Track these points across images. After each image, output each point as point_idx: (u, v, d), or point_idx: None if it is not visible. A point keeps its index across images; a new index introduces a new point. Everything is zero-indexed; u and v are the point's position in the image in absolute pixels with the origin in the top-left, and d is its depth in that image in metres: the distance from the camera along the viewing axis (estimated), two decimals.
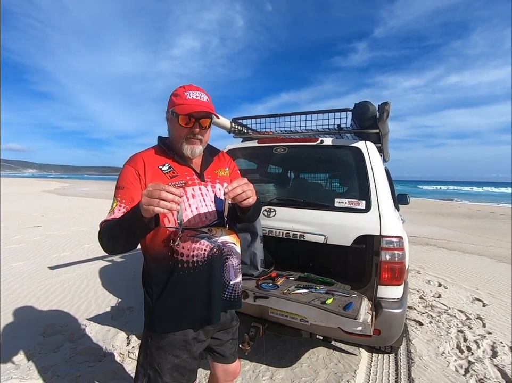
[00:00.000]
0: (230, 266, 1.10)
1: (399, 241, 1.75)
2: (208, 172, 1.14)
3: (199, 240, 1.01)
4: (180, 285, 1.00)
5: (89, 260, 4.52)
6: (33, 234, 6.17)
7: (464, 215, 13.35)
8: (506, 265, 5.10)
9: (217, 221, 1.06)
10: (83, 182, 47.40)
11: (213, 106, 1.06)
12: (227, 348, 1.20)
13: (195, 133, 1.03)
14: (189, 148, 1.04)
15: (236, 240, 1.14)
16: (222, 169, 1.20)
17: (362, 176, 1.97)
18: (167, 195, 0.74)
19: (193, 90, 1.03)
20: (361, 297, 1.76)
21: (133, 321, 2.68)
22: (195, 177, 1.08)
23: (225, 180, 1.17)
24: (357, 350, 2.33)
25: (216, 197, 1.09)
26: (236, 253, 1.13)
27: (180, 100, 1.01)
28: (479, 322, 2.87)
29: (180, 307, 1.01)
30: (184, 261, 0.99)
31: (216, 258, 1.04)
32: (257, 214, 1.18)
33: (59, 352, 2.14)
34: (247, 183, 0.89)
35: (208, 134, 1.10)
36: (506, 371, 2.08)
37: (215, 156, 1.22)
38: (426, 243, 6.77)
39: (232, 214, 1.09)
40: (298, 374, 2.03)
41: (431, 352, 2.33)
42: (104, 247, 0.92)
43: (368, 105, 1.95)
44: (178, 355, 1.02)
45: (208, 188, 1.09)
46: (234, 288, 1.12)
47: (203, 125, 1.04)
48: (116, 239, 0.89)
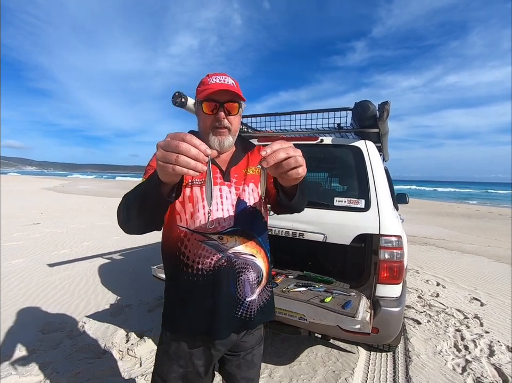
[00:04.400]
0: (245, 281, 0.93)
1: (398, 240, 1.76)
2: (236, 171, 0.98)
3: (206, 247, 0.90)
4: (183, 289, 0.93)
5: (88, 257, 4.52)
6: (32, 231, 6.16)
7: (463, 215, 13.39)
8: (505, 264, 5.13)
9: (232, 228, 0.91)
10: (83, 179, 47.35)
11: (240, 91, 0.91)
12: (240, 370, 1.04)
13: (221, 119, 0.89)
14: (217, 139, 0.91)
15: (256, 250, 0.96)
16: (254, 166, 1.01)
17: (362, 176, 1.98)
18: (188, 148, 0.55)
19: (217, 75, 0.93)
20: (360, 296, 1.77)
21: (132, 318, 2.68)
22: (218, 175, 0.94)
23: (254, 179, 0.99)
24: (356, 348, 2.34)
25: (239, 200, 0.94)
26: (254, 266, 0.95)
27: (203, 87, 0.91)
28: (477, 321, 2.89)
29: (182, 311, 0.94)
30: (189, 266, 0.91)
31: (224, 270, 0.90)
32: (306, 199, 0.95)
33: (59, 349, 2.15)
34: (293, 147, 0.64)
35: (237, 122, 0.95)
36: (503, 370, 2.10)
37: (248, 151, 1.04)
38: (424, 242, 6.79)
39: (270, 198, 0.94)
40: (297, 372, 2.04)
41: (429, 351, 2.34)
42: (119, 219, 0.80)
43: (368, 104, 1.96)
44: (183, 366, 0.95)
45: (231, 190, 0.94)
46: (250, 306, 0.95)
47: (230, 110, 0.90)
48: (130, 207, 0.75)
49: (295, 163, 0.63)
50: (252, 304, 0.96)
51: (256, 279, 0.96)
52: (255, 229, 0.96)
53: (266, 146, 0.61)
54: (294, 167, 0.63)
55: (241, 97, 0.91)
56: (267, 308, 1.02)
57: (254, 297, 0.96)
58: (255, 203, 0.96)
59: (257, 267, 0.97)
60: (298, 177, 0.66)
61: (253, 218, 0.96)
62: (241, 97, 0.90)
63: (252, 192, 0.97)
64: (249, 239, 0.94)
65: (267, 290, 1.01)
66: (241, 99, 0.92)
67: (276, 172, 0.65)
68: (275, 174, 0.66)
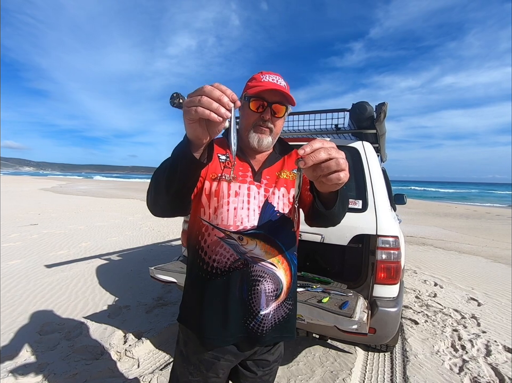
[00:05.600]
0: (262, 291, 0.86)
1: (395, 240, 1.77)
2: (269, 172, 0.94)
3: (225, 245, 0.86)
4: (196, 285, 0.91)
5: (86, 258, 4.51)
6: (29, 232, 6.14)
7: (461, 215, 13.44)
8: (502, 265, 5.15)
9: (255, 231, 0.86)
10: (81, 180, 47.21)
11: (291, 95, 0.88)
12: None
13: (265, 119, 0.87)
14: (257, 137, 0.89)
15: (278, 260, 0.88)
16: (289, 171, 0.96)
17: (359, 176, 1.99)
18: (211, 90, 0.53)
19: (271, 73, 0.90)
20: (357, 296, 1.78)
21: (130, 320, 2.68)
22: (249, 174, 0.91)
23: (286, 184, 0.93)
24: (353, 348, 2.35)
25: (267, 202, 0.89)
26: (273, 277, 0.88)
27: (255, 83, 0.89)
28: (474, 321, 2.90)
29: (192, 308, 0.92)
30: (205, 262, 0.87)
31: (239, 273, 0.85)
32: (345, 209, 0.85)
33: (56, 351, 2.14)
34: (335, 148, 0.56)
35: (281, 125, 0.93)
36: (500, 370, 2.11)
37: (286, 154, 1.00)
38: (422, 243, 6.81)
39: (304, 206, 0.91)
40: (295, 372, 2.04)
41: (426, 350, 2.35)
42: (148, 197, 0.76)
43: (366, 105, 1.97)
44: (192, 373, 0.92)
45: (260, 191, 0.89)
46: (263, 321, 0.87)
47: (276, 112, 0.88)
48: (160, 177, 0.70)
49: (337, 166, 0.55)
50: (265, 319, 0.88)
51: (274, 292, 0.89)
52: (280, 237, 0.89)
53: (305, 144, 0.54)
54: (335, 170, 0.55)
55: (291, 101, 0.88)
56: (285, 327, 0.93)
57: (268, 311, 0.88)
58: (284, 209, 0.91)
59: (277, 279, 0.89)
60: (339, 183, 0.57)
61: (279, 224, 0.89)
62: (292, 100, 0.88)
63: (282, 197, 0.91)
64: (272, 246, 0.87)
65: (286, 307, 0.92)
66: (290, 103, 0.89)
67: (314, 174, 0.57)
68: (312, 177, 0.58)
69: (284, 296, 0.91)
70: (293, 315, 0.97)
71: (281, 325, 0.92)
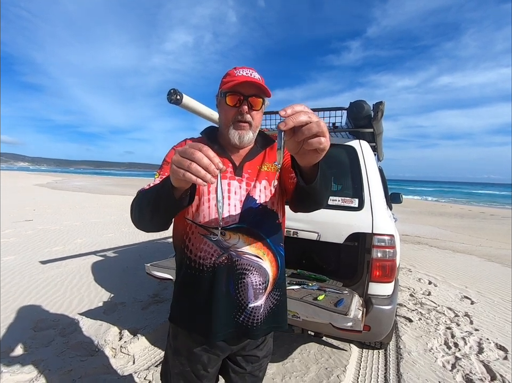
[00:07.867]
0: (249, 284, 0.88)
1: (390, 239, 1.78)
2: (250, 166, 0.94)
3: (208, 242, 0.88)
4: (185, 283, 0.93)
5: (82, 255, 4.49)
6: (24, 228, 6.08)
7: (455, 215, 13.57)
8: (495, 264, 5.22)
9: (237, 225, 0.87)
10: (76, 176, 46.82)
11: (266, 86, 0.88)
12: (241, 380, 1.01)
13: (243, 112, 0.87)
14: (237, 134, 0.89)
15: (263, 252, 0.90)
16: (270, 163, 0.97)
17: (356, 175, 1.99)
18: (201, 157, 0.56)
19: (245, 68, 0.91)
20: (352, 294, 1.79)
21: (125, 316, 2.67)
22: (229, 169, 0.92)
23: (268, 176, 0.94)
24: (348, 346, 2.37)
25: (248, 196, 0.90)
26: (260, 269, 0.89)
27: (229, 78, 0.89)
28: (467, 319, 2.94)
29: (182, 305, 0.94)
30: (192, 260, 0.90)
31: (224, 268, 0.87)
32: (328, 186, 0.81)
33: (51, 347, 2.13)
34: (315, 115, 0.55)
35: (259, 117, 0.93)
36: (491, 367, 2.14)
37: (267, 147, 1.00)
38: (417, 242, 6.87)
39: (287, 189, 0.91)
40: (290, 369, 2.06)
41: (419, 348, 2.38)
42: (132, 216, 0.81)
43: (363, 104, 1.97)
44: (183, 364, 0.95)
45: (242, 185, 0.91)
46: (253, 313, 0.89)
47: (254, 105, 0.88)
48: (143, 208, 0.76)
49: (318, 128, 0.53)
50: (255, 311, 0.89)
51: (262, 284, 0.90)
52: (264, 229, 0.91)
53: (287, 106, 0.54)
54: (316, 134, 0.53)
55: (267, 92, 0.88)
56: (276, 317, 0.96)
57: (258, 303, 0.90)
58: (266, 201, 0.92)
59: (263, 271, 0.90)
60: (320, 147, 0.55)
61: (262, 217, 0.91)
62: (267, 92, 0.88)
63: (263, 189, 0.92)
64: (255, 239, 0.89)
65: (273, 298, 0.95)
66: (266, 95, 0.90)
67: (295, 139, 0.55)
68: (293, 144, 0.57)
69: (270, 287, 0.93)
70: (282, 305, 0.99)
71: (271, 317, 0.94)
